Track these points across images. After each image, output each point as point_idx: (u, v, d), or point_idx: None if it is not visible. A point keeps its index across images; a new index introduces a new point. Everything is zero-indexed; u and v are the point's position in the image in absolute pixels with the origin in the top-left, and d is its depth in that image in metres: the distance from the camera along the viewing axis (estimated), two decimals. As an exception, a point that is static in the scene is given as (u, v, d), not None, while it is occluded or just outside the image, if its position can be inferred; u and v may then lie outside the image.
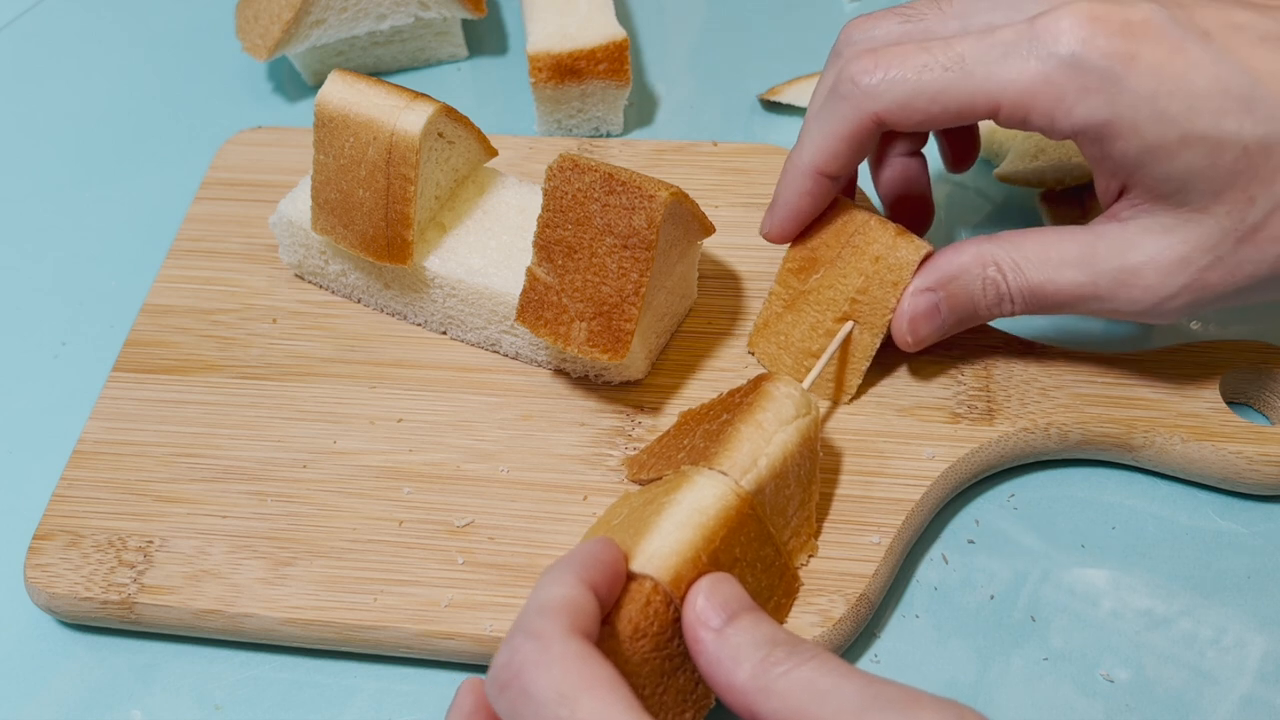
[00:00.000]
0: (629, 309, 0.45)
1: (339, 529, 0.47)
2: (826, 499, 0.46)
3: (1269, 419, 0.50)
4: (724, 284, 0.54)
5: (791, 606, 0.43)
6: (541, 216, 0.47)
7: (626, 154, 0.60)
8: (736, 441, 0.42)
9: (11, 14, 0.75)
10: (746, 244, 0.55)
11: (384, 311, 0.55)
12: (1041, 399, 0.48)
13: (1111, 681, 0.44)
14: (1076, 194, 0.57)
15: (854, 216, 0.47)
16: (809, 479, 0.44)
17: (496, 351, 0.53)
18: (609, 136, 0.64)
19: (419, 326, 0.54)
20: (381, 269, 0.53)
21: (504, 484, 0.48)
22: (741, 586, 0.38)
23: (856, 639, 0.45)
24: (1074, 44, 0.39)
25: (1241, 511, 0.48)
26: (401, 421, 0.50)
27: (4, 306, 0.59)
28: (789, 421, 0.42)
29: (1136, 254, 0.42)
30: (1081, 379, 0.49)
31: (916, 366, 0.50)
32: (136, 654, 0.46)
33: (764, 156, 0.59)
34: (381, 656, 0.46)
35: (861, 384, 0.49)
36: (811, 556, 0.45)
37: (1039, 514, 0.48)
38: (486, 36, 0.72)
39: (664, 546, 0.38)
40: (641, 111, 0.66)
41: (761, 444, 0.41)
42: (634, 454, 0.48)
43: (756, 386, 0.44)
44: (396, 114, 0.49)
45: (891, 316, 0.47)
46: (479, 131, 0.52)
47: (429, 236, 0.52)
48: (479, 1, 0.66)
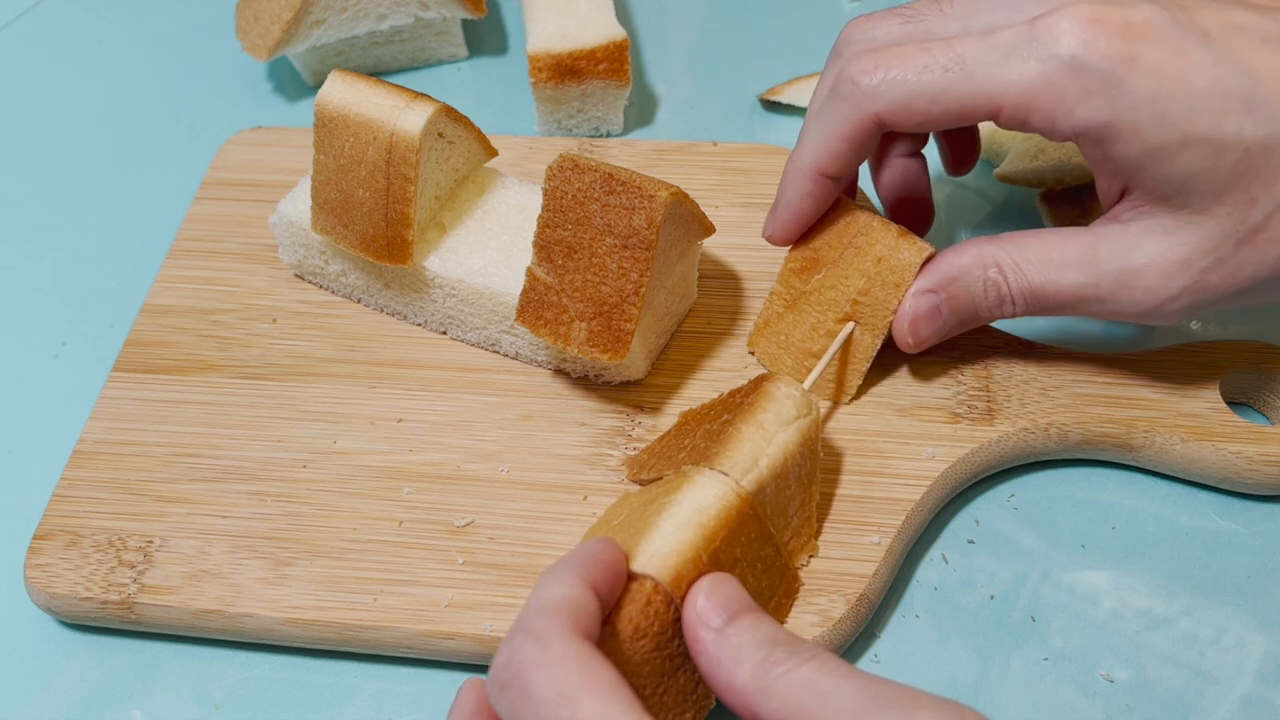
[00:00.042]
0: (629, 309, 0.45)
1: (339, 529, 0.47)
2: (827, 499, 0.46)
3: (1269, 419, 0.50)
4: (724, 284, 0.54)
5: (792, 606, 0.43)
6: (541, 216, 0.47)
7: (626, 154, 0.60)
8: (737, 441, 0.42)
9: (11, 14, 0.75)
10: (746, 244, 0.55)
11: (384, 311, 0.55)
12: (1041, 399, 0.48)
13: (1111, 681, 0.44)
14: (1076, 194, 0.57)
15: (856, 218, 0.47)
16: (809, 479, 0.44)
17: (496, 351, 0.53)
18: (609, 136, 0.64)
19: (419, 326, 0.54)
20: (381, 269, 0.53)
21: (504, 484, 0.48)
22: (742, 586, 0.38)
23: (856, 639, 0.45)
24: (1075, 45, 0.39)
25: (1241, 511, 0.48)
26: (401, 421, 0.50)
27: (4, 306, 0.59)
28: (790, 422, 0.42)
29: (1137, 255, 0.42)
30: (1081, 379, 0.49)
31: (916, 367, 0.50)
32: (136, 654, 0.46)
33: (764, 156, 0.59)
34: (381, 656, 0.46)
35: (862, 384, 0.49)
36: (812, 556, 0.45)
37: (1039, 514, 0.48)
38: (486, 36, 0.72)
39: (665, 546, 0.38)
40: (641, 111, 0.66)
41: (762, 444, 0.41)
42: (634, 454, 0.48)
43: (757, 387, 0.44)
44: (396, 114, 0.49)
45: (893, 318, 0.47)
46: (479, 131, 0.52)
47: (429, 236, 0.52)
48: (479, 1, 0.66)
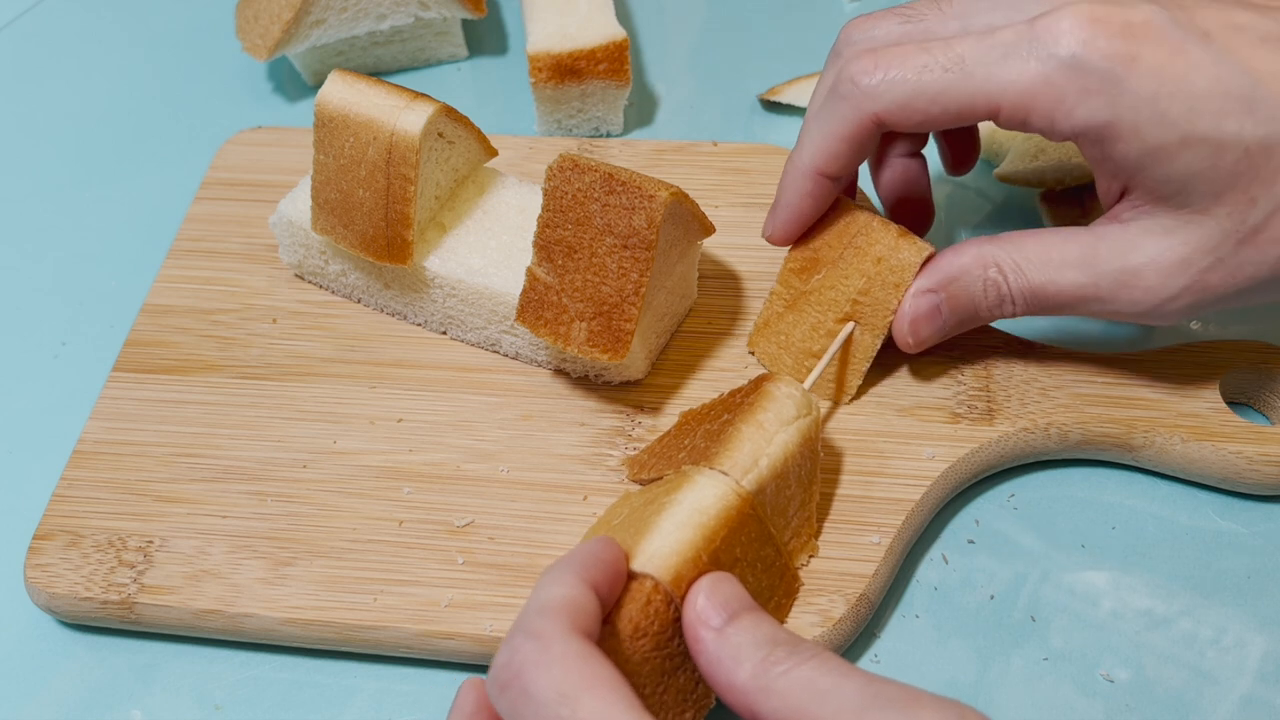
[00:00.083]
0: (629, 309, 0.45)
1: (339, 529, 0.47)
2: (827, 499, 0.46)
3: (1269, 419, 0.50)
4: (724, 284, 0.54)
5: (792, 606, 0.43)
6: (541, 216, 0.47)
7: (626, 154, 0.60)
8: (737, 441, 0.42)
9: (11, 14, 0.75)
10: (746, 244, 0.55)
11: (384, 311, 0.55)
12: (1041, 399, 0.48)
13: (1111, 681, 0.44)
14: (1076, 194, 0.57)
15: (856, 218, 0.47)
16: (810, 479, 0.44)
17: (496, 351, 0.53)
18: (609, 136, 0.64)
19: (419, 326, 0.54)
20: (381, 269, 0.53)
21: (504, 484, 0.48)
22: (742, 586, 0.38)
23: (856, 639, 0.45)
24: (1074, 45, 0.39)
25: (1241, 511, 0.48)
26: (401, 421, 0.50)
27: (4, 306, 0.59)
28: (790, 422, 0.42)
29: (1137, 255, 0.42)
30: (1081, 379, 0.49)
31: (916, 367, 0.50)
32: (136, 654, 0.46)
33: (764, 156, 0.59)
34: (381, 656, 0.46)
35: (862, 384, 0.49)
36: (812, 556, 0.45)
37: (1039, 514, 0.48)
38: (486, 36, 0.72)
39: (665, 546, 0.38)
40: (641, 111, 0.66)
41: (762, 444, 0.41)
42: (634, 454, 0.48)
43: (757, 386, 0.44)
44: (396, 114, 0.49)
45: (893, 318, 0.47)
46: (479, 131, 0.52)
47: (429, 236, 0.52)
48: (479, 1, 0.66)
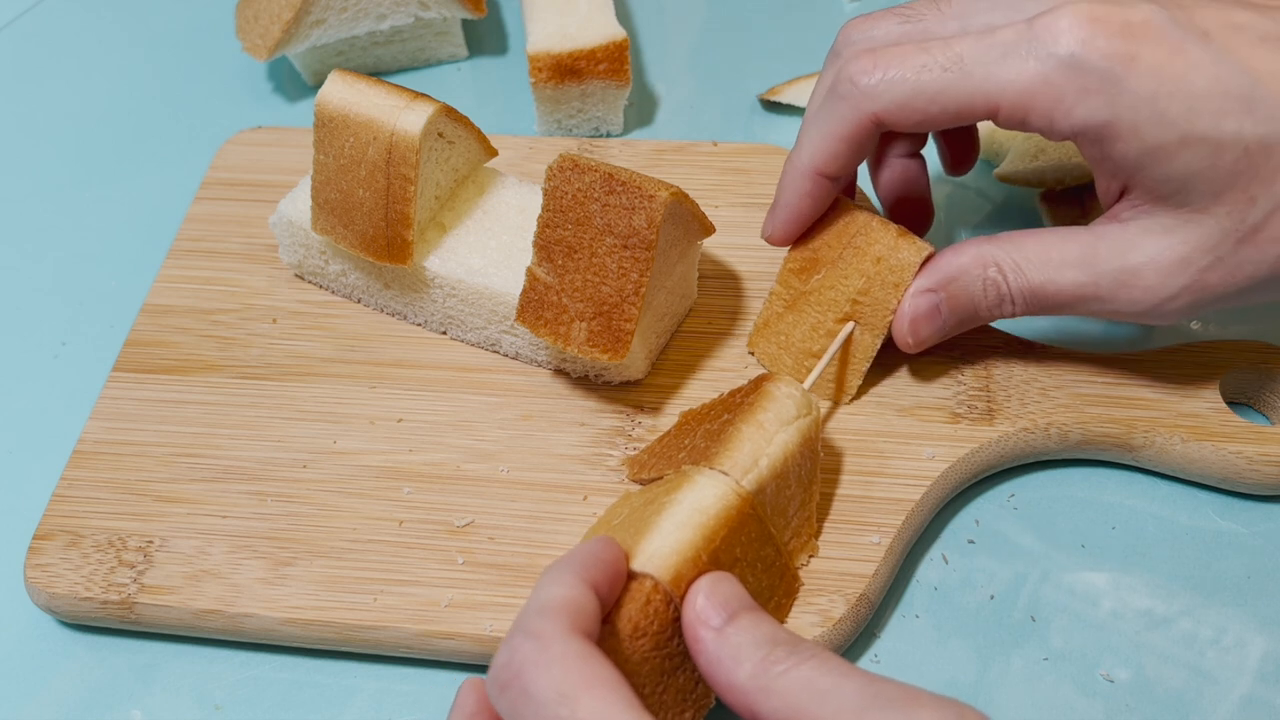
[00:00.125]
0: (629, 309, 0.45)
1: (339, 529, 0.47)
2: (827, 499, 0.46)
3: (1269, 419, 0.50)
4: (724, 284, 0.54)
5: (792, 606, 0.43)
6: (541, 216, 0.47)
7: (626, 154, 0.60)
8: (737, 441, 0.42)
9: (11, 14, 0.75)
10: (746, 244, 0.55)
11: (384, 311, 0.55)
12: (1041, 399, 0.48)
13: (1111, 681, 0.44)
14: (1076, 194, 0.57)
15: (855, 217, 0.47)
16: (810, 479, 0.44)
17: (496, 351, 0.53)
18: (609, 136, 0.64)
19: (419, 326, 0.54)
20: (381, 269, 0.53)
21: (504, 484, 0.48)
22: (742, 586, 0.38)
23: (856, 639, 0.45)
24: (1073, 45, 0.39)
25: (1241, 511, 0.48)
26: (401, 421, 0.50)
27: (4, 306, 0.59)
28: (790, 422, 0.42)
29: (1137, 255, 0.42)
30: (1081, 379, 0.49)
31: (916, 367, 0.50)
32: (136, 654, 0.46)
33: (764, 156, 0.59)
34: (381, 656, 0.46)
35: (862, 384, 0.49)
36: (812, 556, 0.45)
37: (1039, 514, 0.48)
38: (486, 36, 0.72)
39: (664, 546, 0.38)
40: (641, 111, 0.66)
41: (762, 444, 0.41)
42: (634, 454, 0.48)
43: (757, 386, 0.44)
44: (396, 114, 0.49)
45: (892, 317, 0.47)
46: (479, 131, 0.52)
47: (429, 236, 0.52)
48: (479, 1, 0.66)
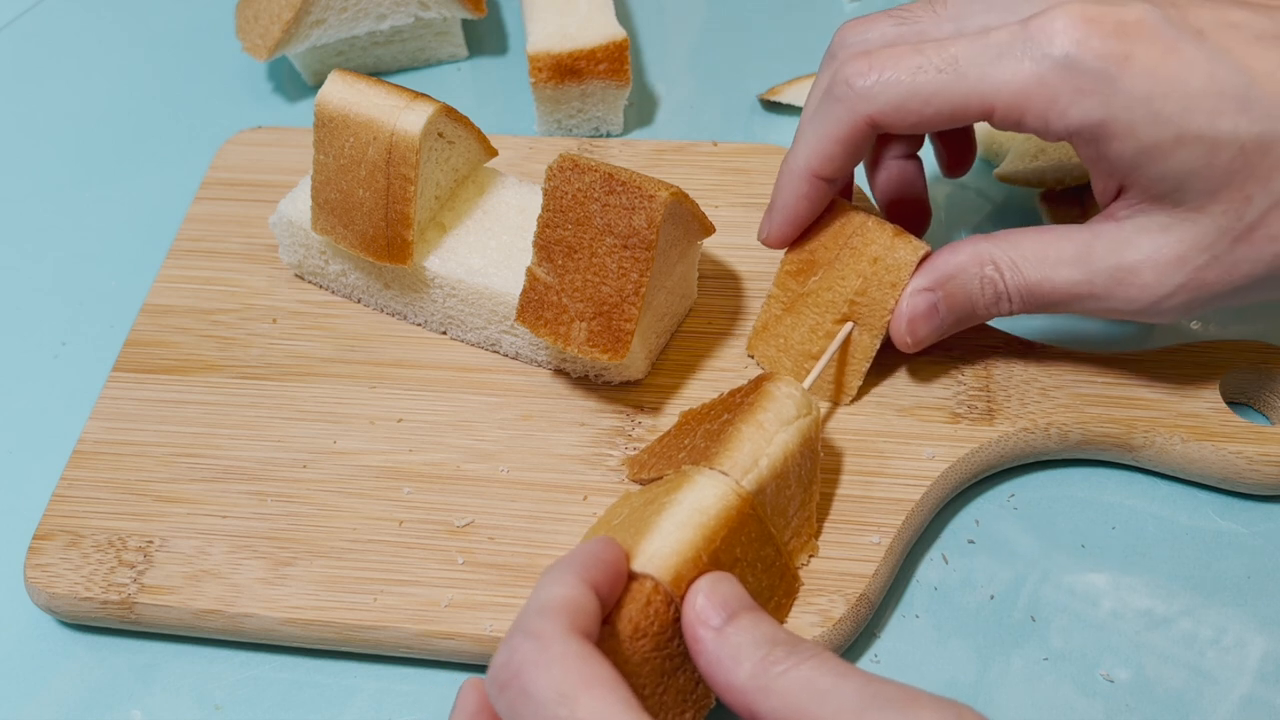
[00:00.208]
0: (629, 309, 0.45)
1: (339, 529, 0.47)
2: (827, 499, 0.46)
3: (1269, 419, 0.50)
4: (724, 284, 0.54)
5: (792, 606, 0.43)
6: (541, 216, 0.47)
7: (626, 154, 0.60)
8: (737, 441, 0.42)
9: (11, 14, 0.76)
10: (746, 244, 0.55)
11: (384, 311, 0.55)
12: (1041, 399, 0.48)
13: (1111, 681, 0.44)
14: (1076, 194, 0.57)
15: (851, 218, 0.47)
16: (810, 479, 0.44)
17: (496, 351, 0.53)
18: (609, 136, 0.64)
19: (419, 326, 0.54)
20: (381, 269, 0.53)
21: (504, 484, 0.48)
22: (741, 586, 0.38)
23: (856, 639, 0.45)
24: (1068, 45, 0.39)
25: (1241, 511, 0.48)
26: (401, 421, 0.50)
27: (4, 306, 0.59)
28: (790, 422, 0.42)
29: (1133, 253, 0.42)
30: (1081, 379, 0.49)
31: (916, 367, 0.50)
32: (136, 654, 0.46)
33: (764, 156, 0.59)
34: (381, 656, 0.46)
35: (862, 384, 0.49)
36: (812, 556, 0.45)
37: (1039, 514, 0.48)
38: (486, 36, 0.72)
39: (665, 546, 0.38)
40: (641, 111, 0.66)
41: (762, 444, 0.41)
42: (634, 454, 0.48)
43: (757, 386, 0.44)
44: (396, 114, 0.49)
45: (890, 317, 0.47)
46: (479, 131, 0.52)
47: (429, 236, 0.52)
48: (479, 1, 0.66)
